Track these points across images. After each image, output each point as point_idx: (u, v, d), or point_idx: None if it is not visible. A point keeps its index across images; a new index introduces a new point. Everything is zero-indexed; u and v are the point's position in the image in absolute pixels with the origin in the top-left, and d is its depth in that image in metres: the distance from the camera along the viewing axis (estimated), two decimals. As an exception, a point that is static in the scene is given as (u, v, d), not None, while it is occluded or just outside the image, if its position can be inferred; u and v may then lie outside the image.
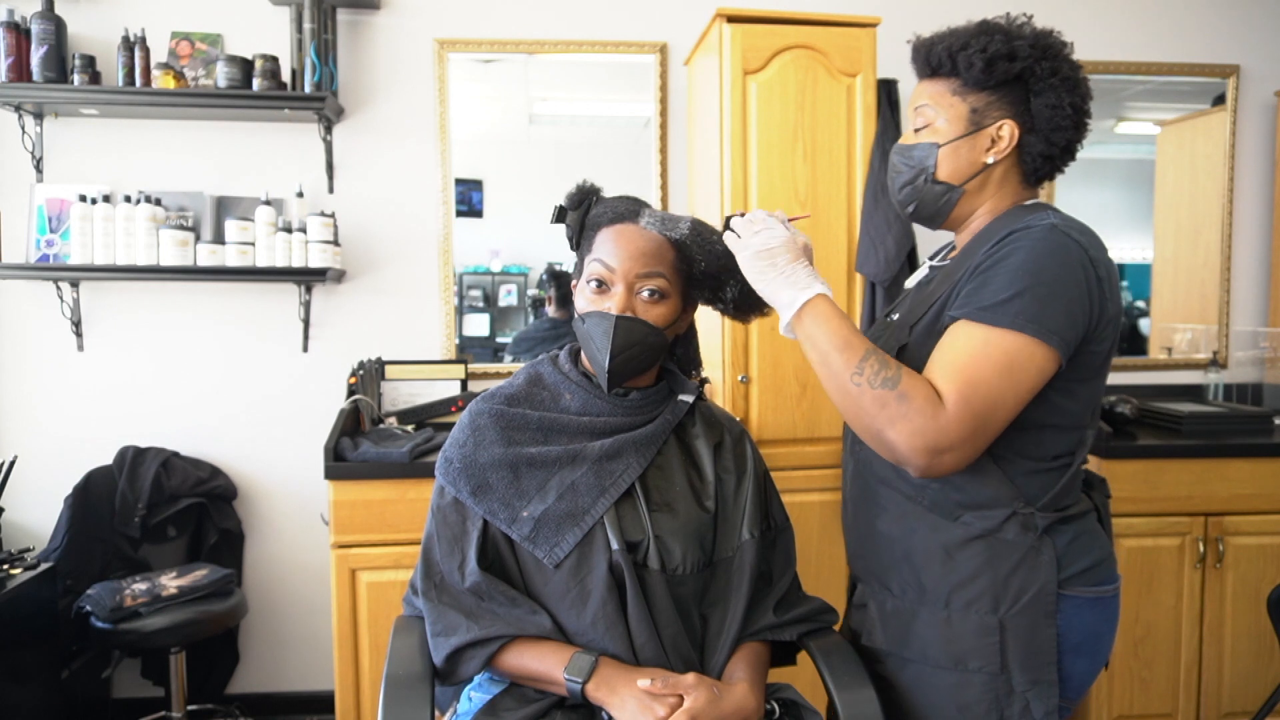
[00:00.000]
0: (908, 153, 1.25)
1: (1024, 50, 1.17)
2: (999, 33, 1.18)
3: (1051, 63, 1.18)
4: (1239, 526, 2.44)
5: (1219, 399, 2.92)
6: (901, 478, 1.21)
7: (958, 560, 1.17)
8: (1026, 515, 1.15)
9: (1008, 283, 1.08)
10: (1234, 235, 3.03)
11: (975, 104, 1.19)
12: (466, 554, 1.23)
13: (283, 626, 2.77)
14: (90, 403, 2.67)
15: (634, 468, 1.26)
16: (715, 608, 1.26)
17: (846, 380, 1.09)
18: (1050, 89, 1.18)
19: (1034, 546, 1.15)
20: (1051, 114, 1.18)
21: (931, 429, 1.04)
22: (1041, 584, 1.15)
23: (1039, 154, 1.20)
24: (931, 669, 1.20)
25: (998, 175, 1.22)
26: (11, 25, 2.40)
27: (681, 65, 2.77)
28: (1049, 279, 1.08)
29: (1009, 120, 1.19)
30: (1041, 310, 1.06)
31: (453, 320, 2.78)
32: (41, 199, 2.55)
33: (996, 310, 1.07)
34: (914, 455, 1.05)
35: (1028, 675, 1.15)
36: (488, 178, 2.79)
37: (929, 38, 1.24)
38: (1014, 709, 1.16)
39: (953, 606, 1.17)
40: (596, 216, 1.30)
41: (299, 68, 2.56)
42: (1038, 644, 1.15)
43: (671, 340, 1.34)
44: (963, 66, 1.18)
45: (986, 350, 1.06)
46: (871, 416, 1.07)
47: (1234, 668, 2.47)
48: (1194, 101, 3.04)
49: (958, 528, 1.17)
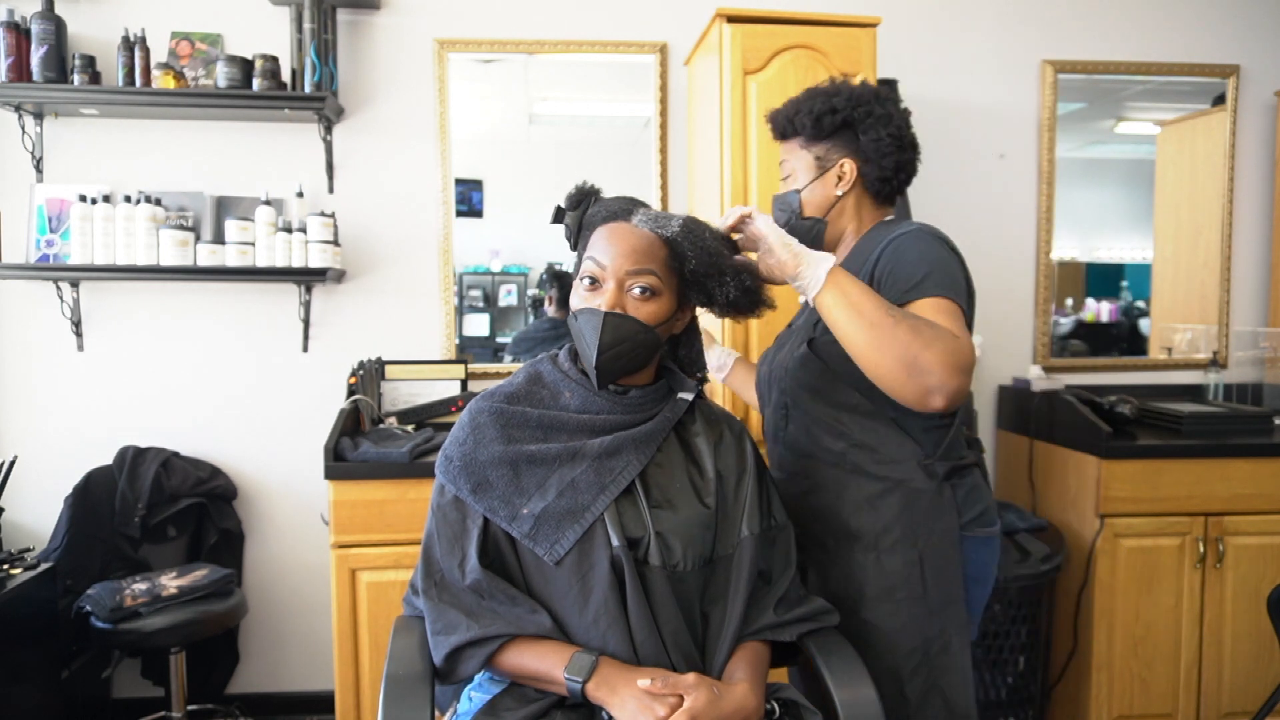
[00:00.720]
0: (781, 200, 1.54)
1: (841, 104, 1.46)
2: (819, 96, 1.49)
3: (866, 107, 1.46)
4: (1239, 526, 2.44)
5: (1219, 399, 2.92)
6: (825, 449, 1.45)
7: (880, 508, 1.42)
8: (928, 465, 1.41)
9: (914, 269, 1.31)
10: (1234, 235, 3.03)
11: (818, 152, 1.50)
12: (467, 552, 1.23)
13: (283, 626, 2.77)
14: (90, 403, 2.67)
15: (634, 465, 1.26)
16: (715, 605, 1.26)
17: (883, 316, 1.21)
18: (870, 127, 1.46)
19: (938, 491, 1.42)
20: (876, 145, 1.46)
21: (958, 349, 1.20)
22: (947, 522, 1.42)
23: (877, 178, 1.48)
24: (870, 603, 1.42)
25: (852, 202, 1.50)
26: (11, 25, 2.41)
27: (681, 65, 2.77)
28: (941, 261, 1.33)
29: (847, 159, 1.48)
30: (946, 280, 1.31)
31: (453, 320, 2.78)
32: (41, 199, 2.55)
33: (918, 289, 1.29)
34: (947, 373, 1.18)
35: (942, 597, 1.41)
36: (488, 178, 2.79)
37: (774, 110, 1.55)
38: (933, 627, 1.41)
39: (881, 547, 1.42)
40: (591, 216, 1.32)
41: (299, 68, 2.56)
42: (949, 572, 1.42)
43: (668, 339, 1.34)
44: (799, 127, 1.50)
45: (940, 311, 1.27)
46: (906, 344, 1.19)
47: (1234, 668, 2.47)
48: (1194, 101, 3.04)
49: (877, 482, 1.42)
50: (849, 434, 1.43)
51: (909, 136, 1.49)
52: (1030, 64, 2.94)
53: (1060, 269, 3.01)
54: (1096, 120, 3.03)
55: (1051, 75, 2.92)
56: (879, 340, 1.20)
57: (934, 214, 2.83)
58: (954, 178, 2.91)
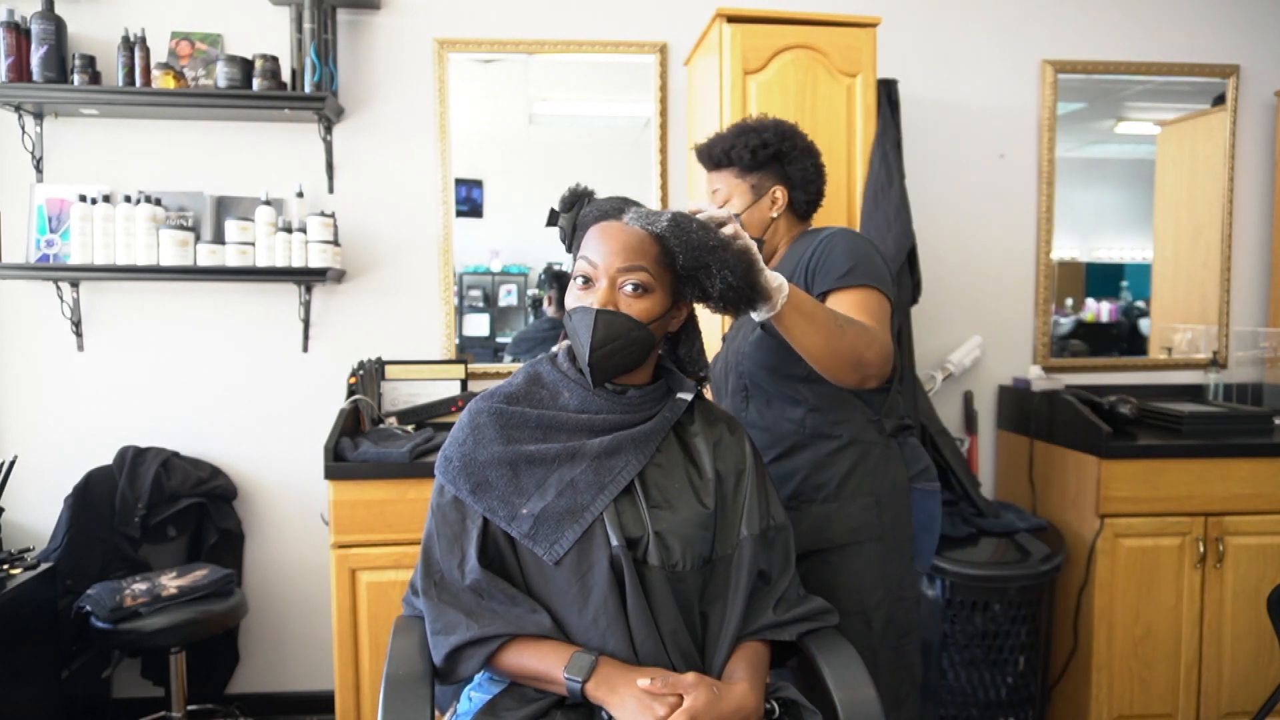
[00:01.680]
0: None
1: (771, 139, 1.65)
2: (751, 131, 1.66)
3: (791, 141, 1.67)
4: (1239, 526, 2.44)
5: (1219, 399, 2.92)
6: (784, 416, 1.63)
7: (839, 461, 1.60)
8: (876, 422, 1.63)
9: (841, 261, 1.52)
10: (1234, 235, 3.03)
11: (753, 181, 1.68)
12: (466, 552, 1.23)
13: (283, 626, 2.77)
14: (90, 403, 2.67)
15: (633, 465, 1.26)
16: (715, 605, 1.26)
17: (833, 324, 1.37)
18: (797, 158, 1.67)
19: (887, 444, 1.63)
20: (803, 174, 1.68)
21: (884, 341, 1.43)
22: (898, 472, 1.63)
23: (805, 201, 1.71)
24: (837, 550, 1.58)
25: (783, 222, 1.71)
26: (11, 25, 2.41)
27: (681, 65, 2.77)
28: (864, 254, 1.54)
29: (779, 185, 1.68)
30: (871, 271, 1.51)
31: (453, 320, 2.78)
32: (41, 199, 2.55)
33: (847, 277, 1.50)
34: (882, 364, 1.41)
35: (897, 535, 1.61)
36: (488, 178, 2.79)
37: (705, 143, 1.73)
38: (892, 563, 1.59)
39: (843, 495, 1.59)
40: (584, 217, 1.33)
41: (299, 68, 2.56)
42: (902, 516, 1.63)
43: (663, 337, 1.35)
44: (736, 159, 1.67)
45: (864, 300, 1.48)
46: (853, 347, 1.38)
47: (1234, 668, 2.47)
48: (1194, 101, 3.04)
49: (833, 441, 1.61)
50: (806, 400, 1.60)
51: (822, 165, 1.72)
52: (1030, 64, 2.94)
53: (1060, 269, 3.01)
54: (1096, 120, 3.03)
55: (1051, 75, 2.92)
56: (832, 345, 1.36)
57: (934, 214, 2.84)
58: (954, 178, 2.91)
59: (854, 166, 2.35)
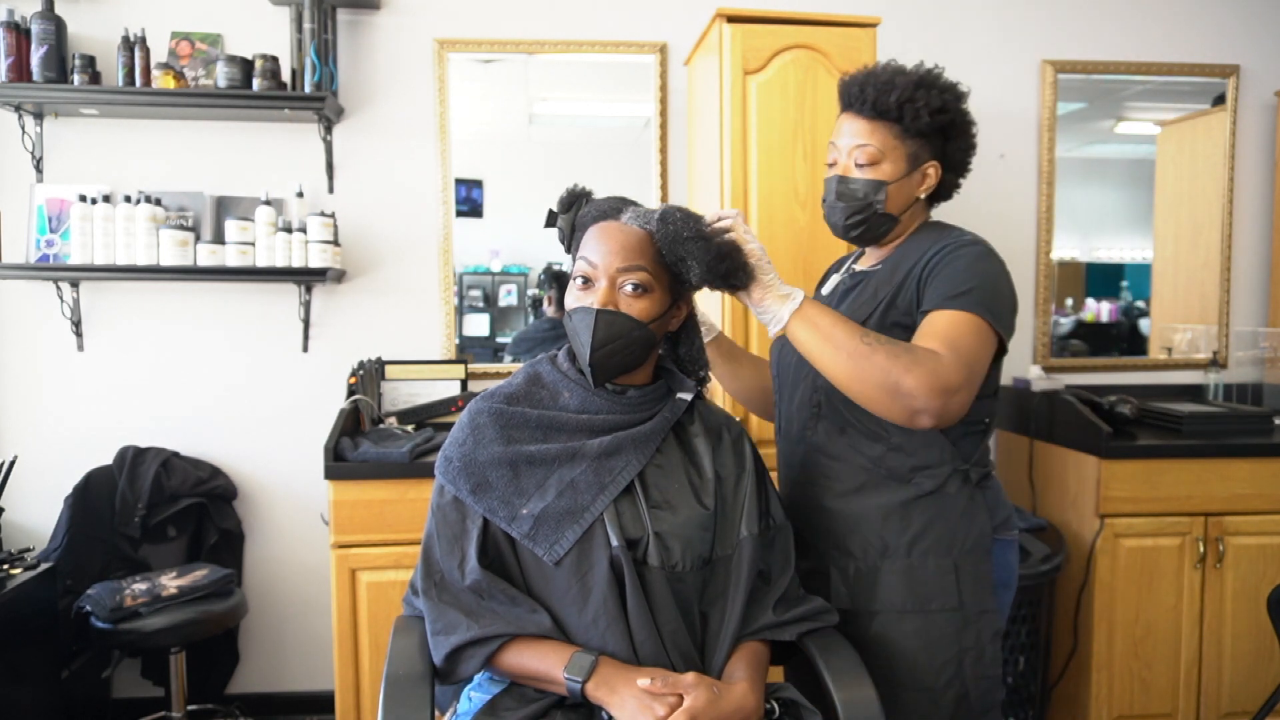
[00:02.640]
0: (856, 183, 1.41)
1: (952, 104, 1.38)
2: (933, 87, 1.37)
3: (964, 115, 1.41)
4: (1239, 526, 2.44)
5: (1219, 399, 2.92)
6: (859, 452, 1.39)
7: (913, 515, 1.36)
8: (964, 472, 1.37)
9: (961, 280, 1.29)
10: (1234, 235, 3.03)
11: (913, 149, 1.40)
12: (467, 552, 1.23)
13: (283, 626, 2.77)
14: (90, 403, 2.67)
15: (633, 465, 1.26)
16: (715, 605, 1.26)
17: (858, 343, 1.23)
18: (961, 134, 1.42)
19: (971, 497, 1.38)
20: (962, 155, 1.44)
21: (942, 372, 1.20)
22: (980, 529, 1.38)
23: (949, 185, 1.47)
24: (897, 616, 1.36)
25: (921, 205, 1.46)
26: (11, 25, 2.41)
27: (681, 65, 2.77)
28: (991, 279, 1.32)
29: (934, 162, 1.42)
30: (992, 302, 1.29)
31: (453, 320, 2.78)
32: (41, 199, 2.55)
33: (958, 299, 1.28)
34: (930, 396, 1.19)
35: (977, 605, 1.36)
36: (488, 178, 2.79)
37: (872, 79, 1.39)
38: (968, 639, 1.35)
39: (913, 556, 1.36)
40: (583, 217, 1.33)
41: (299, 68, 2.56)
42: (981, 579, 1.37)
43: (663, 336, 1.34)
44: (908, 117, 1.36)
45: (960, 324, 1.27)
46: (885, 370, 1.20)
47: (1234, 668, 2.47)
48: (1194, 101, 3.04)
49: (910, 488, 1.37)
50: (888, 437, 1.37)
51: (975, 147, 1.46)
52: (1030, 64, 2.94)
53: (1060, 269, 3.01)
54: (1096, 120, 3.03)
55: (1051, 75, 2.92)
56: (857, 368, 1.22)
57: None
58: (954, 178, 2.91)
59: (854, 166, 2.35)
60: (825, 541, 1.43)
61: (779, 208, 2.26)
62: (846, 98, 1.42)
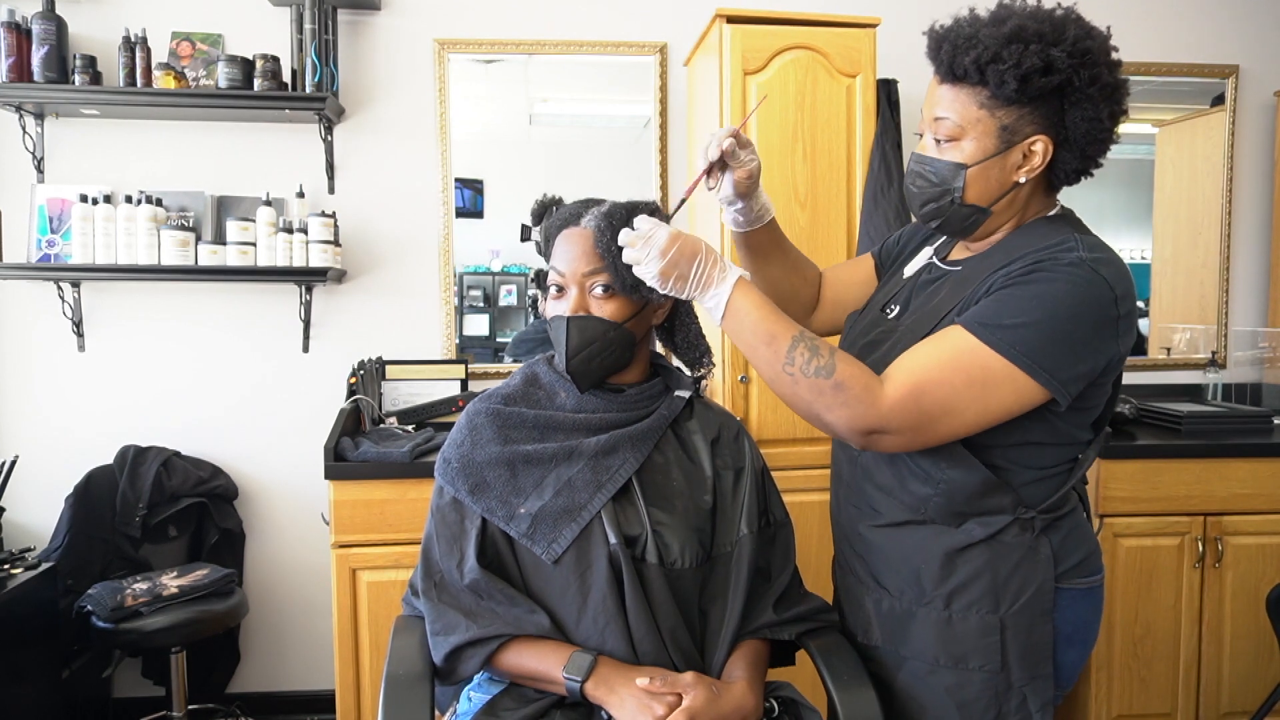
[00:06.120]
0: (929, 165, 1.15)
1: (1061, 62, 1.04)
2: (1034, 40, 1.05)
3: (1091, 70, 1.06)
4: (1238, 526, 2.44)
5: (1218, 399, 2.92)
6: (905, 489, 1.19)
7: (959, 564, 1.17)
8: (1027, 519, 1.15)
9: (1020, 309, 1.05)
10: (1233, 235, 3.03)
11: (1005, 120, 1.09)
12: (465, 553, 1.24)
13: (283, 626, 2.77)
14: (91, 402, 2.68)
15: (630, 463, 1.26)
16: (714, 603, 1.27)
17: (779, 371, 1.10)
18: (1088, 100, 1.07)
19: (1032, 546, 1.16)
20: (1089, 127, 1.09)
21: (871, 415, 1.06)
22: (1040, 582, 1.15)
23: (1072, 169, 1.14)
24: (929, 667, 1.20)
25: (1025, 190, 1.15)
26: (12, 25, 2.41)
27: (681, 66, 2.78)
28: (1063, 320, 1.05)
29: (1042, 136, 1.10)
30: (1043, 347, 1.04)
31: (453, 320, 2.79)
32: (42, 199, 2.55)
33: (997, 331, 1.05)
34: (852, 435, 1.09)
35: (1026, 671, 1.16)
36: (488, 178, 2.79)
37: (951, 35, 1.10)
38: (1011, 704, 1.17)
39: (954, 608, 1.17)
40: (549, 228, 1.33)
41: (299, 68, 2.56)
42: (1036, 640, 1.16)
43: (648, 332, 1.34)
44: (994, 81, 1.06)
45: (965, 359, 1.06)
46: (808, 403, 1.09)
47: (1233, 667, 2.48)
48: (1193, 102, 3.04)
49: (960, 534, 1.17)
50: (938, 481, 1.15)
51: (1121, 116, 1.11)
52: (1030, 64, 2.93)
53: (1060, 269, 3.01)
54: (1096, 120, 3.03)
55: (1051, 75, 2.91)
56: (783, 391, 1.11)
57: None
58: (954, 178, 2.91)
59: (854, 167, 2.35)
60: (863, 567, 1.29)
61: (779, 208, 2.24)
62: (932, 59, 1.13)
